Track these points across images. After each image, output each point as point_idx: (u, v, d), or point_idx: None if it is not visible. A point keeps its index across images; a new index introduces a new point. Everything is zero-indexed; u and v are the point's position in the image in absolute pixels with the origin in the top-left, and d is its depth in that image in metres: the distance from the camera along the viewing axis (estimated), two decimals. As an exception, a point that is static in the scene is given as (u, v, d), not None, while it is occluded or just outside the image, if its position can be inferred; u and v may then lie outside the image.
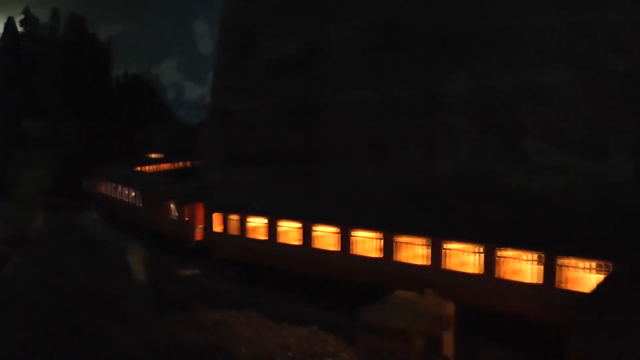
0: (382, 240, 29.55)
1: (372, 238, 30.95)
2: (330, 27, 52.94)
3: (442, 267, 25.16)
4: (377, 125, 46.89)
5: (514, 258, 24.19)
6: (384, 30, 46.56)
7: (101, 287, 32.34)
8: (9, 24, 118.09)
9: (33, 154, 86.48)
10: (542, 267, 23.35)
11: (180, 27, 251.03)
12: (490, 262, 23.78)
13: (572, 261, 22.87)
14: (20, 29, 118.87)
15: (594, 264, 24.06)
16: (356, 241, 32.29)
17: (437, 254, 25.14)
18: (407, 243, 28.40)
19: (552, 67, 39.24)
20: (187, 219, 41.18)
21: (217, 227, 38.60)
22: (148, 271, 33.41)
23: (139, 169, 75.49)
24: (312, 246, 33.00)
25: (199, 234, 40.43)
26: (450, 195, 37.99)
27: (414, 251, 27.85)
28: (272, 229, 36.05)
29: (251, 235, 37.00)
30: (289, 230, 36.24)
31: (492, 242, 23.36)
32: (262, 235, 36.99)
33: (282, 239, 35.13)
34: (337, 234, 32.73)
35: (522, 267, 24.88)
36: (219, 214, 38.46)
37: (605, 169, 36.72)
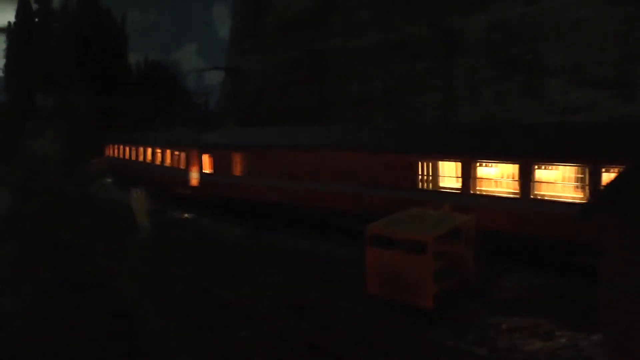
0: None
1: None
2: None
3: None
4: (390, 71, 44.85)
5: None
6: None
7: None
8: (23, 0, 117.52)
9: (44, 125, 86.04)
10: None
11: (200, 12, 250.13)
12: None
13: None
14: (34, 5, 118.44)
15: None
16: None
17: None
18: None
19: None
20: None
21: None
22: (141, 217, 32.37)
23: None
24: None
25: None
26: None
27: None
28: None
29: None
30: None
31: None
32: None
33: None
34: None
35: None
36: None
37: (634, 106, 34.53)
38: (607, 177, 17.21)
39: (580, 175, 18.80)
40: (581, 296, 15.89)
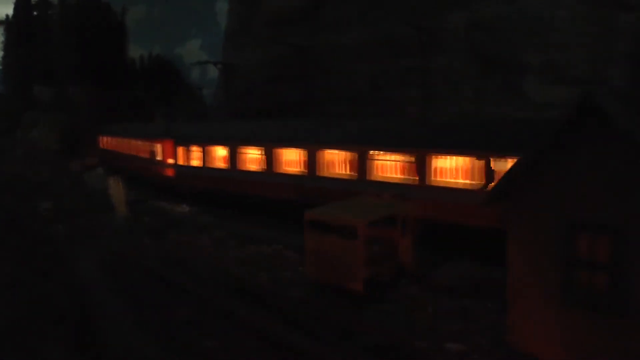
0: None
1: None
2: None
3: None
4: (374, 68, 45.35)
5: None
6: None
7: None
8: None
9: (40, 117, 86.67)
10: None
11: (203, 7, 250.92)
12: None
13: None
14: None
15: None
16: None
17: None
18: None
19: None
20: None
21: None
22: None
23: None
24: None
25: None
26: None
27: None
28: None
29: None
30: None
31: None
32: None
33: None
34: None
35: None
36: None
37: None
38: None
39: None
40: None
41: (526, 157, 11.58)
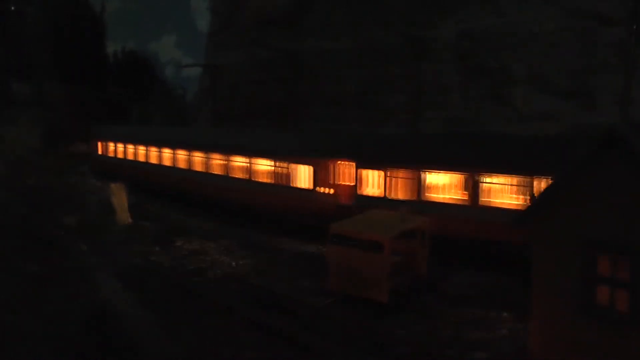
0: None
1: None
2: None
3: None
4: (363, 74, 46.25)
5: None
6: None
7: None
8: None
9: (19, 114, 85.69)
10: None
11: (178, 4, 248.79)
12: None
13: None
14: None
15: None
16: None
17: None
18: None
19: (542, 13, 38.59)
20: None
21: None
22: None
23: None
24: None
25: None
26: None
27: None
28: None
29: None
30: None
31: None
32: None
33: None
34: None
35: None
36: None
37: (595, 115, 36.35)
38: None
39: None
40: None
41: (552, 185, 12.68)
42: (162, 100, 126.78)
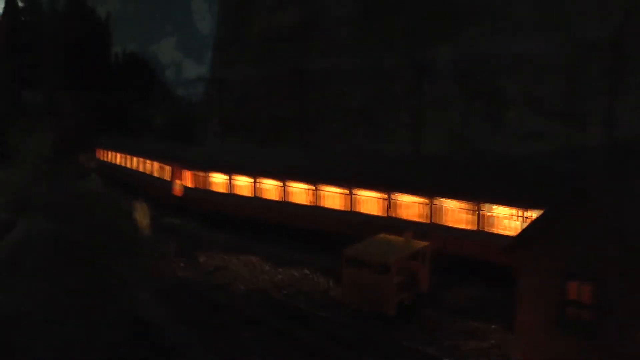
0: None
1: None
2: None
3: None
4: (367, 91, 48.98)
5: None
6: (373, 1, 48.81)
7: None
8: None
9: (33, 123, 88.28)
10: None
11: (178, 5, 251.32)
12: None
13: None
14: (20, 3, 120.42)
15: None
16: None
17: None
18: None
19: (536, 39, 41.15)
20: None
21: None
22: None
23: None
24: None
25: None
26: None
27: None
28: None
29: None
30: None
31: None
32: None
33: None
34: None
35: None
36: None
37: (585, 136, 38.99)
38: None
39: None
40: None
41: (531, 224, 15.55)
42: (163, 103, 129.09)
